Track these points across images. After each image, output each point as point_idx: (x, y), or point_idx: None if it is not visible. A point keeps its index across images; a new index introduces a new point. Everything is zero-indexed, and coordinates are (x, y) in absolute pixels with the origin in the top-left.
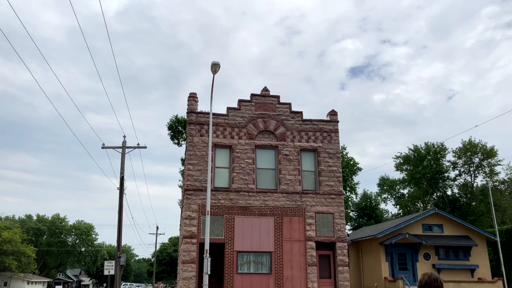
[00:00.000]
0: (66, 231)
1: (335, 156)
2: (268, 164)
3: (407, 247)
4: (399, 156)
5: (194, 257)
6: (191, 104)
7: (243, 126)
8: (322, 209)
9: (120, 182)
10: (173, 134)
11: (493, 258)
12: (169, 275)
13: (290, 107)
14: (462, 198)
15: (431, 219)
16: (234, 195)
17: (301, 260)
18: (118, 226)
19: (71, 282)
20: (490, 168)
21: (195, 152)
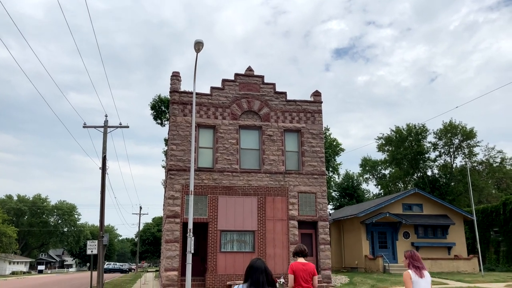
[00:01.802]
0: (48, 211)
1: (318, 137)
2: (252, 144)
3: (388, 226)
4: (381, 137)
5: (178, 237)
6: (174, 83)
7: (227, 106)
8: (305, 189)
9: (102, 162)
10: (156, 114)
11: (469, 236)
12: (153, 255)
13: (274, 88)
14: (442, 179)
15: (411, 199)
16: (218, 175)
17: (284, 239)
18: (101, 205)
19: (53, 262)
20: (469, 149)
21: (178, 132)
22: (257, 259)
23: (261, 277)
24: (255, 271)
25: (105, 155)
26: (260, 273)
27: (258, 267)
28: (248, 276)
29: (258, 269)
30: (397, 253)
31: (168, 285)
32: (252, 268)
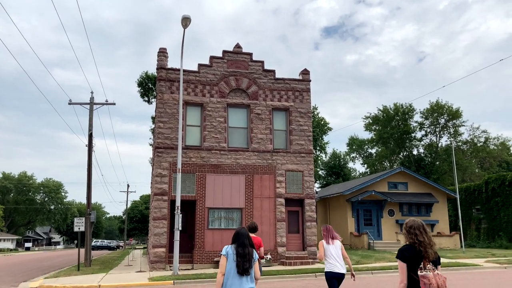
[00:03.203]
0: (34, 189)
1: (306, 116)
2: (240, 123)
3: (373, 204)
4: (369, 117)
5: (166, 214)
6: (161, 60)
7: (215, 84)
8: (292, 167)
9: (88, 139)
10: (143, 91)
11: (452, 213)
12: (141, 232)
13: (262, 65)
14: (427, 158)
15: (396, 177)
16: (206, 153)
17: (271, 216)
18: (88, 183)
19: (41, 239)
20: (455, 129)
21: (165, 109)
22: (241, 228)
23: (245, 240)
24: (241, 236)
25: (91, 133)
26: (245, 237)
27: (243, 233)
28: (235, 239)
29: (243, 235)
30: (381, 230)
31: (156, 262)
32: (238, 234)
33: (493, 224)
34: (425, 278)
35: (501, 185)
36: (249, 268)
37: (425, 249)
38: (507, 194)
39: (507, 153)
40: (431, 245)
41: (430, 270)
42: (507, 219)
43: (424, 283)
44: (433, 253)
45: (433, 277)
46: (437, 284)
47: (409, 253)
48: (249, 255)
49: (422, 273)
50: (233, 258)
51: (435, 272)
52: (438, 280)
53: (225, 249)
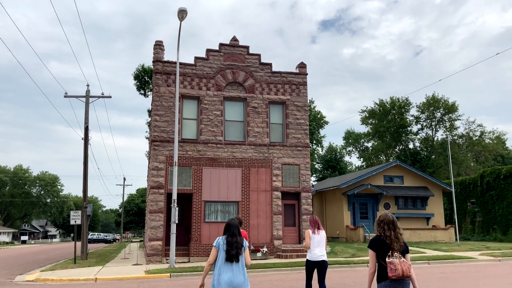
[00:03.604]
0: (30, 182)
1: (303, 109)
2: (237, 116)
3: (369, 197)
4: (365, 110)
5: (162, 207)
6: (157, 53)
7: (211, 77)
8: (289, 160)
9: (84, 132)
10: (139, 84)
11: (448, 207)
12: (137, 225)
13: (259, 59)
14: (423, 152)
15: (392, 171)
16: (202, 146)
17: (267, 209)
18: (84, 176)
19: (37, 232)
20: (451, 123)
21: (161, 102)
22: (232, 219)
23: (235, 230)
24: (231, 226)
25: (87, 126)
26: (234, 228)
27: (233, 224)
28: (226, 230)
29: (233, 225)
30: None
31: (153, 255)
32: (229, 225)
33: (488, 217)
34: (392, 264)
35: (496, 179)
36: (237, 255)
37: (391, 242)
38: (502, 188)
39: (502, 147)
40: (398, 239)
41: (397, 258)
42: (501, 213)
43: (391, 268)
44: (399, 246)
45: (399, 263)
46: (402, 270)
47: (377, 243)
48: (238, 243)
49: (389, 260)
50: (223, 248)
51: (401, 259)
52: (403, 266)
53: (216, 240)
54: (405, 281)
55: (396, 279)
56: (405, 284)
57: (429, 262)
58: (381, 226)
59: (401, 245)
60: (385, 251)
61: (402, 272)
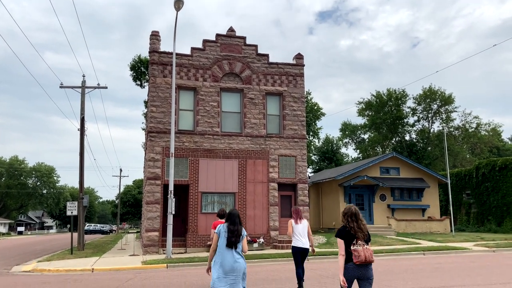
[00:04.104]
0: (25, 173)
1: (300, 101)
2: (233, 107)
3: (365, 189)
4: (362, 102)
5: (159, 198)
6: (153, 43)
7: (208, 68)
8: (285, 152)
9: (80, 123)
10: (135, 75)
11: (443, 198)
12: (134, 216)
13: (256, 49)
14: (419, 143)
15: (388, 163)
16: (199, 138)
17: (264, 201)
18: (80, 167)
19: (33, 223)
20: (447, 115)
21: (158, 93)
22: (233, 209)
23: (236, 219)
24: (233, 215)
25: (83, 116)
26: (236, 217)
27: (235, 213)
28: (228, 218)
29: (235, 214)
30: (373, 214)
31: (149, 245)
32: (230, 214)
33: (483, 208)
34: (356, 251)
35: (491, 171)
36: (236, 242)
37: (355, 232)
38: (497, 180)
39: (498, 139)
40: (361, 229)
41: (360, 245)
42: (496, 204)
43: (355, 255)
44: (363, 235)
45: (362, 250)
46: (365, 256)
47: (343, 233)
48: (238, 231)
49: (354, 248)
50: (224, 235)
51: (364, 247)
52: (366, 253)
53: (217, 228)
54: (368, 266)
55: (360, 263)
56: (367, 268)
57: (424, 253)
58: (345, 218)
59: (365, 234)
60: (350, 240)
61: (365, 258)
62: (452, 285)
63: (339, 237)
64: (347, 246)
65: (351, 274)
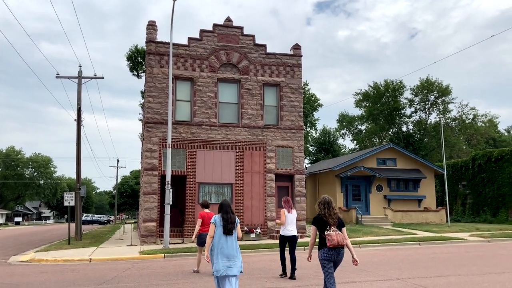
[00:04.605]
0: (22, 163)
1: (297, 91)
2: (231, 98)
3: (362, 179)
4: (359, 93)
5: (156, 189)
6: (150, 33)
7: (205, 58)
8: (283, 143)
9: (77, 113)
10: (132, 65)
11: (439, 189)
12: (131, 207)
13: (253, 40)
14: (416, 134)
15: (385, 154)
16: (196, 128)
17: (261, 191)
18: (77, 157)
19: (31, 214)
20: (444, 106)
21: (155, 84)
22: (225, 200)
23: (228, 209)
24: (225, 206)
25: (80, 107)
26: (228, 207)
27: (226, 204)
28: (221, 209)
29: (226, 205)
30: (370, 205)
31: (147, 235)
32: (222, 204)
33: (478, 199)
34: (329, 236)
35: (488, 162)
36: (231, 229)
37: (327, 218)
38: (492, 170)
39: (494, 130)
40: (331, 215)
41: (333, 231)
42: (491, 195)
43: (328, 239)
44: (334, 221)
45: (335, 235)
46: (337, 240)
47: (318, 220)
48: (231, 219)
49: (327, 233)
50: (220, 223)
51: (337, 232)
52: (338, 237)
53: (213, 218)
54: (340, 249)
55: (333, 247)
56: (339, 251)
57: (420, 243)
58: (319, 206)
59: (335, 221)
60: (324, 226)
61: (337, 242)
62: (448, 275)
63: (313, 224)
64: (322, 232)
65: (327, 257)
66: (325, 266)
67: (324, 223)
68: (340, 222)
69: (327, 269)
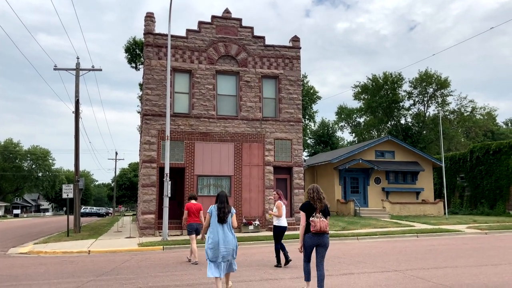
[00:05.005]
0: (20, 156)
1: (296, 84)
2: (229, 90)
3: (360, 172)
4: (358, 86)
5: (154, 181)
6: (148, 25)
7: (204, 50)
8: (281, 135)
9: (75, 106)
10: (130, 57)
11: (437, 181)
12: (130, 199)
13: (252, 32)
14: (414, 127)
15: (384, 146)
16: (194, 121)
17: (259, 184)
18: (75, 149)
19: (29, 206)
20: (442, 99)
21: (153, 76)
22: (221, 191)
23: (223, 199)
24: (221, 196)
25: (78, 99)
26: (223, 197)
27: (222, 194)
28: (217, 199)
29: (222, 195)
30: (368, 197)
31: (146, 228)
32: (218, 195)
33: (476, 192)
34: (313, 222)
35: (486, 154)
36: (226, 218)
37: (314, 202)
38: (490, 163)
39: (492, 123)
40: (319, 199)
41: (317, 218)
42: (489, 187)
43: (312, 225)
44: (321, 205)
45: (318, 221)
46: (320, 226)
47: (306, 206)
48: (225, 208)
49: (312, 219)
50: (215, 213)
51: (320, 219)
52: (322, 224)
53: (210, 208)
54: (323, 234)
55: (316, 232)
56: (323, 237)
57: (417, 235)
58: (309, 193)
59: (322, 205)
60: (311, 212)
61: (320, 228)
62: (445, 266)
63: (302, 210)
64: (308, 217)
65: (310, 242)
66: (305, 250)
67: (312, 208)
68: (326, 210)
69: (306, 252)
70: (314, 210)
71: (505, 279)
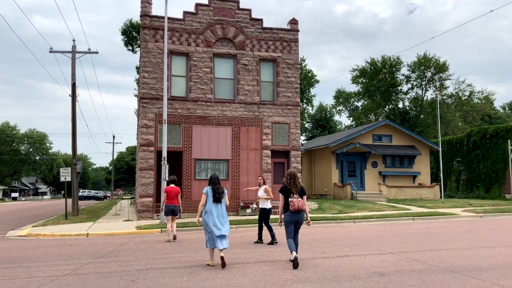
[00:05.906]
0: (18, 139)
1: (294, 67)
2: (227, 73)
3: (357, 156)
4: (356, 69)
5: (152, 164)
6: (144, 7)
7: (201, 33)
8: (279, 119)
9: (72, 89)
10: (127, 40)
11: (434, 165)
12: (128, 183)
13: (250, 14)
14: (412, 111)
15: (381, 130)
16: (192, 104)
17: (257, 167)
18: (72, 132)
19: (27, 189)
20: (441, 83)
21: (150, 59)
22: (214, 173)
23: (216, 181)
24: (214, 178)
25: (74, 82)
26: (216, 179)
27: (215, 177)
28: (210, 181)
29: (215, 178)
30: (365, 181)
31: (143, 211)
32: (211, 177)
33: (472, 175)
34: (291, 202)
35: (482, 138)
36: (220, 198)
37: (290, 187)
38: (487, 147)
39: (490, 107)
40: (295, 185)
41: (295, 198)
42: (485, 171)
43: (291, 205)
44: (296, 189)
45: (296, 201)
46: (297, 205)
47: (284, 189)
48: (219, 189)
49: (290, 199)
50: (211, 194)
51: (298, 199)
52: (299, 203)
53: (205, 189)
54: (300, 212)
55: (294, 211)
56: (300, 214)
57: (413, 219)
58: (286, 178)
59: (297, 189)
60: (288, 194)
61: (297, 207)
62: (440, 249)
63: (280, 193)
64: (286, 198)
65: (289, 219)
66: (287, 226)
67: (288, 191)
68: (302, 191)
69: (289, 229)
70: (291, 192)
71: (498, 261)
